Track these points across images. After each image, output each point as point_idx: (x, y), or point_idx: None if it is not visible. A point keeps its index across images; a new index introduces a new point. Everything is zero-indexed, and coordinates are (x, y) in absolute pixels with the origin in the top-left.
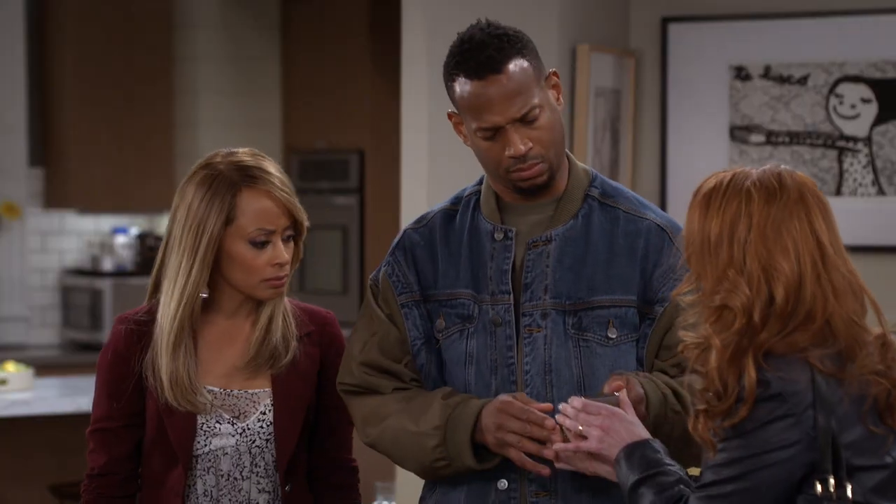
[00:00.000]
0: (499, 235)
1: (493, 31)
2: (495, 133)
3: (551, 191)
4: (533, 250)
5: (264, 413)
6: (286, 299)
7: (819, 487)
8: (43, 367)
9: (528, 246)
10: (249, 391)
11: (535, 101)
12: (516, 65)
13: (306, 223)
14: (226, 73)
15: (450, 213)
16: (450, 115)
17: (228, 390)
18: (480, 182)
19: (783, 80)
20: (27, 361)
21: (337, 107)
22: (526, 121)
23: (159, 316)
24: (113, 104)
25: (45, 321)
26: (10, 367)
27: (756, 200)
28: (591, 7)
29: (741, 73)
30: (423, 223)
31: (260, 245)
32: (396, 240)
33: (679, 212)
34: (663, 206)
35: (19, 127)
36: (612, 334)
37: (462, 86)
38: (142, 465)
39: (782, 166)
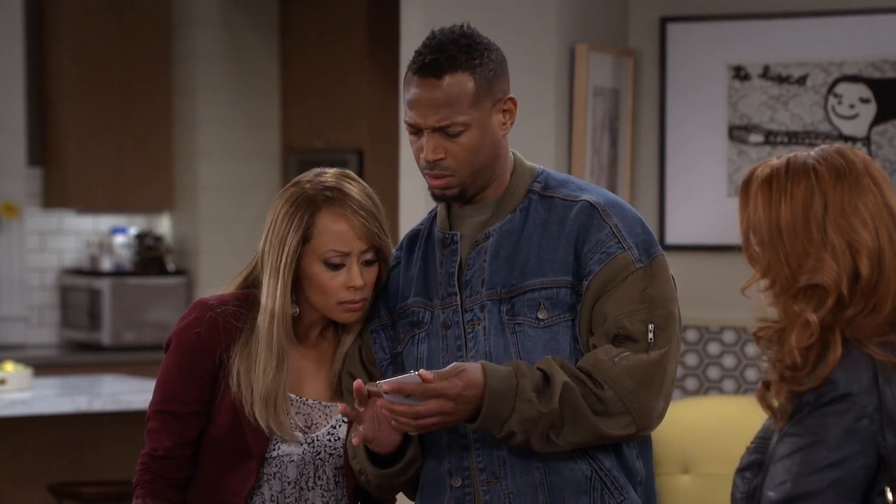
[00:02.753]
0: (446, 241)
1: (461, 38)
2: (417, 132)
3: (491, 193)
4: (474, 249)
5: (335, 427)
6: None
7: (890, 496)
8: (42, 367)
9: (471, 246)
10: (323, 403)
11: (463, 118)
12: (457, 79)
13: (391, 249)
14: (225, 73)
15: (415, 232)
16: None
17: (303, 399)
18: None
19: (782, 79)
20: (26, 361)
21: (336, 106)
22: (446, 133)
23: (258, 330)
24: (111, 103)
25: (43, 321)
26: (9, 367)
27: (826, 178)
28: (590, 7)
29: (740, 73)
30: (396, 247)
31: (334, 267)
32: None
33: (678, 211)
34: (662, 204)
35: (18, 126)
36: (543, 315)
37: (406, 77)
38: (203, 455)
39: (837, 144)
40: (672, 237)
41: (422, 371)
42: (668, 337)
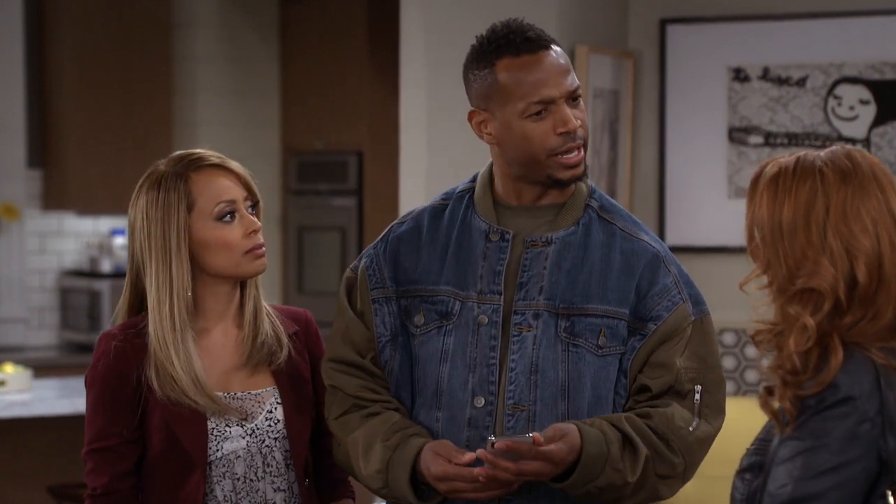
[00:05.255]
0: (494, 236)
1: (523, 23)
2: (544, 110)
3: (553, 196)
4: (532, 249)
5: (271, 412)
6: (264, 303)
7: (892, 499)
8: (41, 369)
9: (525, 245)
10: (253, 392)
11: (578, 83)
12: (558, 46)
13: (260, 199)
14: (224, 73)
15: (439, 209)
16: (472, 114)
17: (232, 393)
18: (473, 180)
19: (781, 81)
20: (25, 363)
21: (335, 107)
22: (573, 99)
23: (153, 328)
24: (111, 104)
25: (43, 322)
26: (9, 369)
27: (831, 180)
28: (590, 8)
29: (740, 75)
30: (409, 216)
31: (228, 218)
32: (382, 234)
33: (677, 212)
34: (661, 206)
35: (17, 128)
36: (602, 343)
37: (509, 66)
38: (146, 481)
39: (847, 146)
40: (671, 238)
41: (536, 434)
42: (720, 408)
